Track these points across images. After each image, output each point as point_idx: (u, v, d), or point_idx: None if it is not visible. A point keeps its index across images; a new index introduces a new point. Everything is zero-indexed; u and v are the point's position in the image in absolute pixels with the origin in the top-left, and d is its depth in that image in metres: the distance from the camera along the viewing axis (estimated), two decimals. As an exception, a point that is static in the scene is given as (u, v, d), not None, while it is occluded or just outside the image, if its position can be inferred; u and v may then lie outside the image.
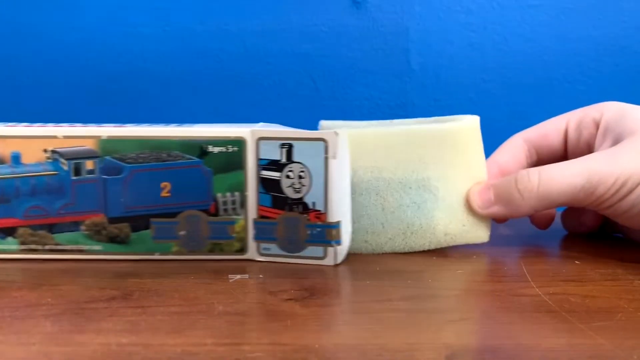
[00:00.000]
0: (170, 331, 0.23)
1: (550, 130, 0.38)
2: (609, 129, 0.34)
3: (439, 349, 0.22)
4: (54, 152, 0.32)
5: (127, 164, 0.32)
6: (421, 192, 0.34)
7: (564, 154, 0.38)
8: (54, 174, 0.32)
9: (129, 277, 0.30)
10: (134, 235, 0.33)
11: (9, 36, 0.58)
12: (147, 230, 0.33)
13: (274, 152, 0.32)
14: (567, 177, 0.32)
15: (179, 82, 0.58)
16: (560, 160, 0.37)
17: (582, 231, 0.40)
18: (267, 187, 0.32)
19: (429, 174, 0.34)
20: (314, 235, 0.32)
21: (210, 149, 0.32)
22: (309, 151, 0.31)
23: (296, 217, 0.32)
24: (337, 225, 0.32)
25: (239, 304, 0.26)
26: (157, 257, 0.33)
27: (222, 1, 0.58)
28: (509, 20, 0.58)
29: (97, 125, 0.34)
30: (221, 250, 0.33)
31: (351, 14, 0.58)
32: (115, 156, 0.32)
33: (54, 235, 0.33)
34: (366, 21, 0.58)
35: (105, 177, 0.32)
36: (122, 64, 0.58)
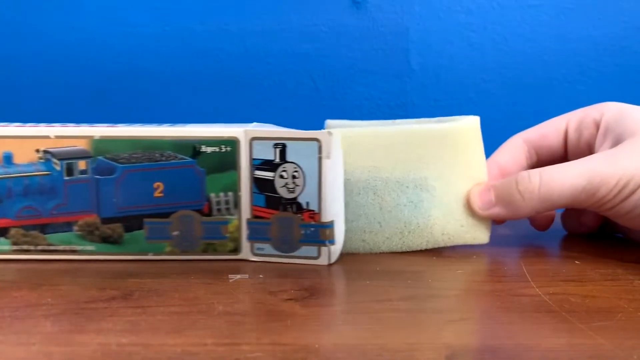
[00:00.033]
0: (170, 331, 0.23)
1: (550, 130, 0.38)
2: (609, 130, 0.34)
3: (439, 349, 0.22)
4: (46, 152, 0.32)
5: (120, 164, 0.32)
6: (418, 191, 0.34)
7: (564, 154, 0.38)
8: (46, 174, 0.32)
9: (129, 277, 0.30)
10: (127, 235, 0.33)
11: (9, 36, 0.58)
12: (141, 230, 0.33)
13: (268, 152, 0.32)
14: (568, 179, 0.32)
15: (179, 82, 0.58)
16: (560, 160, 0.37)
17: (582, 232, 0.40)
18: (261, 187, 0.32)
19: (427, 173, 0.34)
20: (307, 235, 0.32)
21: (203, 149, 0.32)
22: (302, 151, 0.31)
23: (290, 217, 0.32)
24: (331, 225, 0.32)
25: (239, 304, 0.26)
26: (151, 257, 0.33)
27: (222, 1, 0.58)
28: (509, 20, 0.58)
29: (90, 125, 0.33)
30: (215, 250, 0.33)
31: (351, 14, 0.58)
32: (107, 156, 0.32)
33: (47, 235, 0.33)
34: (366, 21, 0.58)
35: (97, 177, 0.32)
36: (122, 64, 0.58)
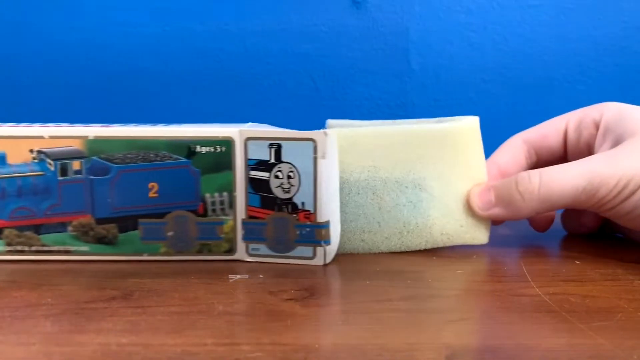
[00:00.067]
0: (170, 331, 0.23)
1: (549, 130, 0.38)
2: (609, 130, 0.34)
3: (439, 349, 0.22)
4: (40, 152, 0.32)
5: (115, 164, 0.32)
6: (417, 191, 0.34)
7: (563, 154, 0.38)
8: (40, 174, 0.32)
9: (129, 277, 0.30)
10: (121, 236, 0.33)
11: (9, 36, 0.58)
12: (135, 231, 0.33)
13: (263, 152, 0.32)
14: (568, 179, 0.32)
15: (179, 82, 0.58)
16: (559, 161, 0.37)
17: (582, 232, 0.40)
18: (256, 187, 0.32)
19: (426, 173, 0.34)
20: (303, 235, 0.32)
21: (198, 149, 0.32)
22: (297, 151, 0.31)
23: (285, 217, 0.32)
24: (327, 225, 0.31)
25: (239, 304, 0.26)
26: (145, 257, 0.33)
27: (222, 1, 0.58)
28: (509, 20, 0.58)
29: (84, 125, 0.33)
30: (210, 251, 0.33)
31: (351, 14, 0.58)
32: (102, 156, 0.32)
33: (41, 236, 0.33)
34: (366, 21, 0.58)
35: (92, 177, 0.32)
36: (122, 64, 0.58)
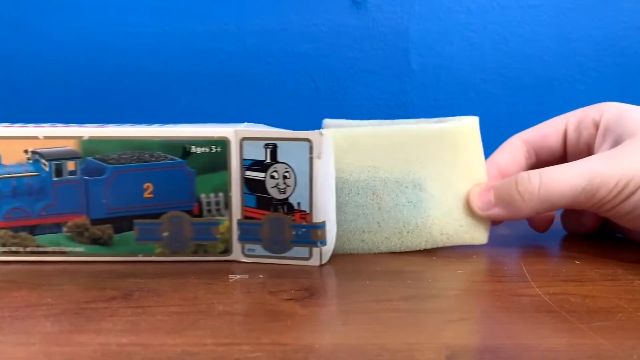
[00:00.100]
0: (170, 331, 0.23)
1: (549, 131, 0.38)
2: (608, 130, 0.34)
3: (439, 349, 0.22)
4: (34, 152, 0.32)
5: (109, 164, 0.32)
6: (417, 191, 0.34)
7: (563, 154, 0.38)
8: (35, 175, 0.32)
9: (129, 277, 0.30)
10: (117, 237, 0.32)
11: (9, 36, 0.58)
12: (130, 231, 0.32)
13: (258, 153, 0.32)
14: (568, 179, 0.32)
15: (179, 82, 0.58)
16: (559, 161, 0.37)
17: (582, 232, 0.40)
18: (252, 187, 0.32)
19: (426, 173, 0.34)
20: (299, 235, 0.32)
21: (193, 149, 0.32)
22: (293, 151, 0.31)
23: (281, 217, 0.32)
24: (323, 225, 0.31)
25: (239, 304, 0.26)
26: (141, 258, 0.33)
27: (222, 1, 0.58)
28: (509, 20, 0.58)
29: (79, 125, 0.33)
30: (205, 251, 0.33)
31: (351, 14, 0.58)
32: (97, 157, 0.32)
33: (36, 237, 0.32)
34: (366, 21, 0.58)
35: (87, 178, 0.32)
36: (122, 64, 0.58)
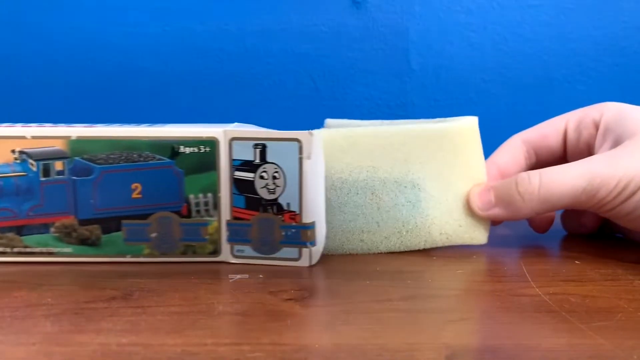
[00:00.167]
0: (170, 331, 0.23)
1: (549, 131, 0.38)
2: (609, 130, 0.34)
3: (439, 349, 0.22)
4: (22, 152, 0.32)
5: (97, 164, 0.32)
6: (416, 191, 0.34)
7: (563, 154, 0.38)
8: (22, 175, 0.32)
9: (129, 277, 0.30)
10: (105, 237, 0.32)
11: (9, 36, 0.58)
12: (119, 232, 0.32)
13: (248, 153, 0.31)
14: (568, 180, 0.32)
15: (179, 82, 0.58)
16: (559, 161, 0.37)
17: (582, 232, 0.40)
18: (241, 188, 0.32)
19: (425, 173, 0.34)
20: (288, 236, 0.32)
21: (182, 149, 0.32)
22: (283, 151, 0.31)
23: (270, 218, 0.32)
24: (312, 226, 0.31)
25: (239, 304, 0.26)
26: (129, 259, 0.33)
27: (222, 1, 0.58)
28: (509, 20, 0.58)
29: (67, 125, 0.33)
30: (194, 252, 0.33)
31: (351, 14, 0.58)
32: (85, 157, 0.32)
33: (23, 237, 0.32)
34: (366, 21, 0.58)
35: (75, 178, 0.32)
36: (122, 63, 0.58)
